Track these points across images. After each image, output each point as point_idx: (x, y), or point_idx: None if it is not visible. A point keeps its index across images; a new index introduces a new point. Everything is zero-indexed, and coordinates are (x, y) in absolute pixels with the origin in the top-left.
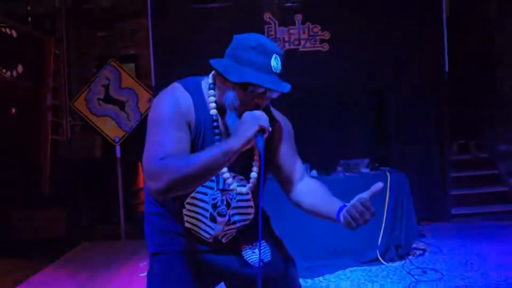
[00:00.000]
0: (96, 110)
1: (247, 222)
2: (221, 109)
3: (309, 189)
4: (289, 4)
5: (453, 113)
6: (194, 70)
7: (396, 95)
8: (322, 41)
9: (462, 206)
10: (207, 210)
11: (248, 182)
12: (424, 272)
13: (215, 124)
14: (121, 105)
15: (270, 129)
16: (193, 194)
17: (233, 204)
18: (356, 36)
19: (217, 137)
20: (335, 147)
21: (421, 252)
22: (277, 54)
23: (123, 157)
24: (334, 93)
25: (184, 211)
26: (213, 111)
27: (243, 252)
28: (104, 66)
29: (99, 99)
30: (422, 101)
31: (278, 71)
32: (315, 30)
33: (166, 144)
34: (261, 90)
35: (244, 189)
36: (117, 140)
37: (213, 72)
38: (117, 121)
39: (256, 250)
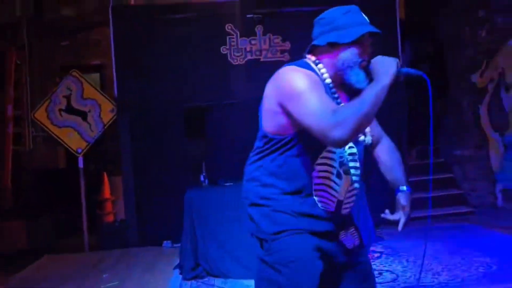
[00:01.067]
0: (58, 121)
1: (359, 183)
2: (334, 79)
3: (387, 150)
4: (250, 16)
5: (410, 119)
6: (157, 80)
7: None
8: (282, 51)
9: (421, 209)
10: (334, 167)
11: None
12: (380, 273)
13: (333, 90)
14: (84, 115)
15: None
16: (323, 154)
17: (349, 164)
18: None
19: (337, 100)
20: None
21: (378, 254)
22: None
23: (86, 167)
24: None
25: (314, 174)
26: (328, 80)
27: (342, 238)
28: (65, 76)
29: (60, 110)
30: (381, 108)
31: (367, 21)
32: (275, 41)
33: (325, 102)
34: (365, 39)
35: (367, 139)
36: (79, 151)
37: (307, 54)
38: (79, 131)
39: (348, 235)
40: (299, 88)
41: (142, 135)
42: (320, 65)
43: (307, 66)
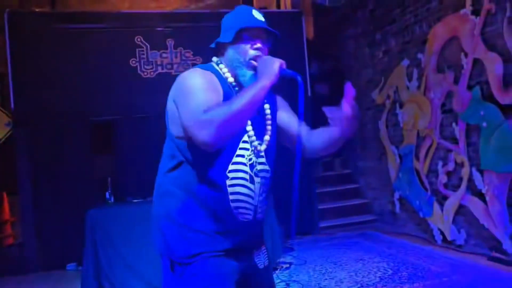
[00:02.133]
0: None
1: (267, 185)
2: (236, 79)
3: (312, 133)
4: (161, 29)
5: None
6: (61, 92)
7: None
8: (194, 65)
9: (329, 219)
10: (246, 172)
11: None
12: (288, 284)
13: (236, 89)
14: None
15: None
16: (233, 161)
17: (258, 168)
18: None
19: None
20: None
21: (287, 265)
22: (257, 10)
23: None
24: None
25: (227, 181)
26: (231, 79)
27: (254, 256)
28: None
29: None
30: None
31: (262, 19)
32: (187, 54)
33: (206, 100)
34: (250, 35)
35: (262, 146)
36: None
37: (213, 57)
38: None
39: (261, 254)
40: (188, 85)
41: (43, 151)
42: (221, 65)
43: (210, 67)
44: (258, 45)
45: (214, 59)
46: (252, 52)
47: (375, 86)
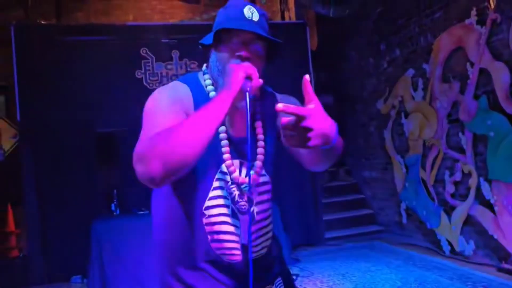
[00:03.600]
0: None
1: (267, 220)
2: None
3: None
4: (166, 41)
5: None
6: (66, 104)
7: None
8: None
9: (335, 230)
10: (228, 206)
11: (262, 174)
12: None
13: None
14: None
15: (261, 80)
16: (210, 195)
17: (255, 198)
18: None
19: None
20: None
21: (294, 277)
22: (252, 6)
23: None
24: None
25: (204, 220)
26: (212, 93)
27: None
28: None
29: None
30: None
31: (254, 20)
32: (192, 66)
33: (158, 126)
34: (233, 39)
35: (255, 169)
36: None
37: (204, 64)
38: None
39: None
40: (149, 107)
41: (48, 163)
42: (206, 76)
43: (191, 78)
44: (242, 53)
45: (204, 66)
46: (232, 61)
47: (379, 96)
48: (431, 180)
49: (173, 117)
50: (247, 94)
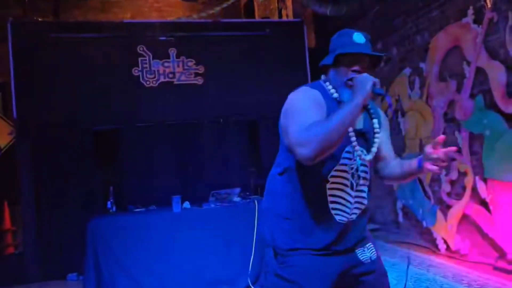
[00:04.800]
0: None
1: (365, 193)
2: (340, 96)
3: (394, 164)
4: (163, 38)
5: None
6: (63, 101)
7: (267, 126)
8: (196, 74)
9: None
10: (348, 179)
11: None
12: None
13: (339, 102)
14: None
15: (379, 83)
16: (336, 167)
17: (362, 175)
18: (229, 70)
19: None
20: (210, 178)
21: None
22: (359, 33)
23: None
24: (208, 126)
25: (328, 186)
26: (335, 94)
27: (356, 251)
28: None
29: None
30: None
31: (362, 42)
32: (189, 64)
33: (308, 118)
34: (348, 59)
35: (368, 157)
36: None
37: (322, 75)
38: None
39: (366, 249)
40: (293, 106)
41: (45, 160)
42: (327, 83)
43: (317, 85)
44: (356, 67)
45: (322, 77)
46: (350, 74)
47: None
48: (427, 179)
49: (317, 111)
50: (380, 94)
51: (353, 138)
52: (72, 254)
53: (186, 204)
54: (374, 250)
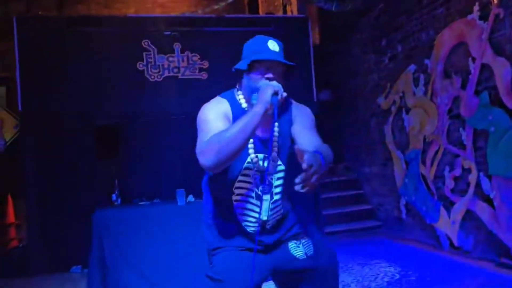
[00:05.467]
0: None
1: (281, 196)
2: (250, 104)
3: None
4: (168, 33)
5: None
6: (67, 95)
7: None
8: (201, 69)
9: (334, 224)
10: (252, 190)
11: (278, 164)
12: None
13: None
14: None
15: (285, 94)
16: (239, 178)
17: (275, 183)
18: (233, 65)
19: None
20: None
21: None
22: (273, 40)
23: None
24: None
25: (234, 198)
26: (244, 105)
27: (289, 245)
28: None
29: None
30: None
31: (276, 50)
32: (194, 58)
33: (210, 130)
34: (262, 66)
35: (267, 165)
36: None
37: (237, 84)
38: None
39: (301, 245)
40: (201, 118)
41: (49, 154)
42: (239, 92)
43: (229, 95)
44: (269, 74)
45: (237, 85)
46: (261, 82)
47: (381, 92)
48: (431, 175)
49: (220, 124)
50: (275, 105)
51: (251, 150)
52: (76, 247)
53: (191, 198)
54: (311, 246)
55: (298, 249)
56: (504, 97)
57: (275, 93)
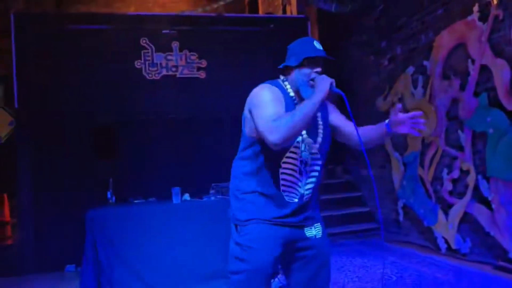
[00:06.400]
0: None
1: (316, 179)
2: (296, 94)
3: (362, 133)
4: (166, 31)
5: None
6: (64, 93)
7: None
8: (199, 68)
9: (331, 227)
10: (297, 166)
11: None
12: None
13: (295, 102)
14: None
15: (334, 83)
16: (287, 155)
17: (310, 162)
18: (231, 65)
19: None
20: (210, 171)
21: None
22: (316, 41)
23: None
24: (210, 119)
25: (280, 170)
26: (292, 94)
27: (305, 228)
28: None
29: None
30: None
31: (321, 49)
32: (192, 57)
33: (274, 111)
34: (312, 62)
35: (315, 146)
36: None
37: (280, 76)
38: None
39: (313, 228)
40: (261, 99)
41: (44, 151)
42: (286, 82)
43: (276, 83)
44: (319, 69)
45: (281, 77)
46: (312, 75)
47: (380, 94)
48: (429, 178)
49: (279, 105)
50: (337, 93)
51: (303, 131)
52: (70, 246)
53: (186, 196)
54: (320, 230)
55: (310, 230)
56: (503, 98)
57: (332, 85)
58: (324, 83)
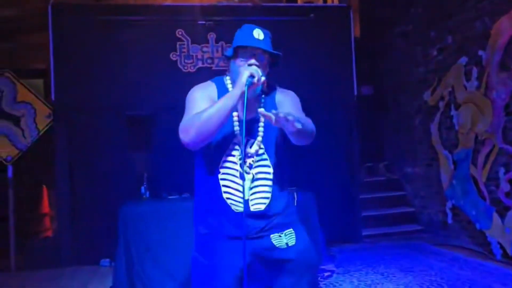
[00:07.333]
0: None
1: (268, 182)
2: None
3: None
4: (202, 22)
5: (361, 136)
6: (100, 85)
7: (308, 114)
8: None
9: (372, 227)
10: (236, 170)
11: (261, 147)
12: None
13: None
14: (16, 120)
15: (263, 78)
16: (224, 159)
17: (254, 164)
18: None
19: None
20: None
21: (328, 274)
22: (259, 29)
23: (17, 178)
24: None
25: (220, 176)
26: (231, 89)
27: (271, 236)
28: None
29: None
30: (332, 124)
31: (260, 39)
32: (228, 49)
33: (193, 110)
34: (246, 52)
35: (252, 149)
36: (9, 159)
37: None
38: (10, 137)
39: (283, 235)
40: (188, 100)
41: (81, 144)
42: (227, 77)
43: (218, 80)
44: (252, 61)
45: (227, 72)
46: (242, 67)
47: (427, 87)
48: (483, 178)
49: (203, 105)
50: (246, 87)
51: (236, 128)
52: (106, 240)
53: None
54: (293, 236)
55: (279, 239)
56: None
57: (251, 76)
58: (242, 75)
